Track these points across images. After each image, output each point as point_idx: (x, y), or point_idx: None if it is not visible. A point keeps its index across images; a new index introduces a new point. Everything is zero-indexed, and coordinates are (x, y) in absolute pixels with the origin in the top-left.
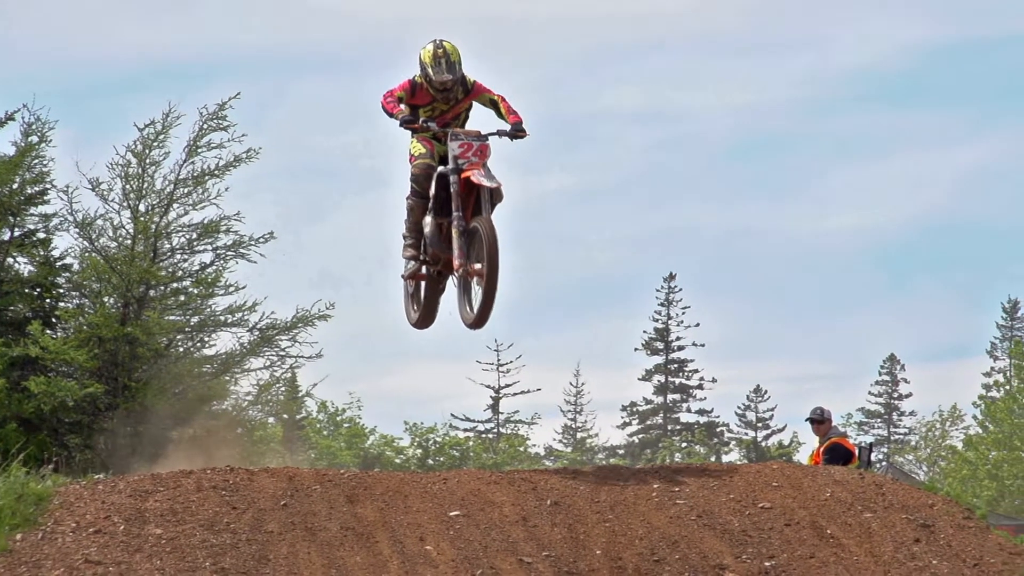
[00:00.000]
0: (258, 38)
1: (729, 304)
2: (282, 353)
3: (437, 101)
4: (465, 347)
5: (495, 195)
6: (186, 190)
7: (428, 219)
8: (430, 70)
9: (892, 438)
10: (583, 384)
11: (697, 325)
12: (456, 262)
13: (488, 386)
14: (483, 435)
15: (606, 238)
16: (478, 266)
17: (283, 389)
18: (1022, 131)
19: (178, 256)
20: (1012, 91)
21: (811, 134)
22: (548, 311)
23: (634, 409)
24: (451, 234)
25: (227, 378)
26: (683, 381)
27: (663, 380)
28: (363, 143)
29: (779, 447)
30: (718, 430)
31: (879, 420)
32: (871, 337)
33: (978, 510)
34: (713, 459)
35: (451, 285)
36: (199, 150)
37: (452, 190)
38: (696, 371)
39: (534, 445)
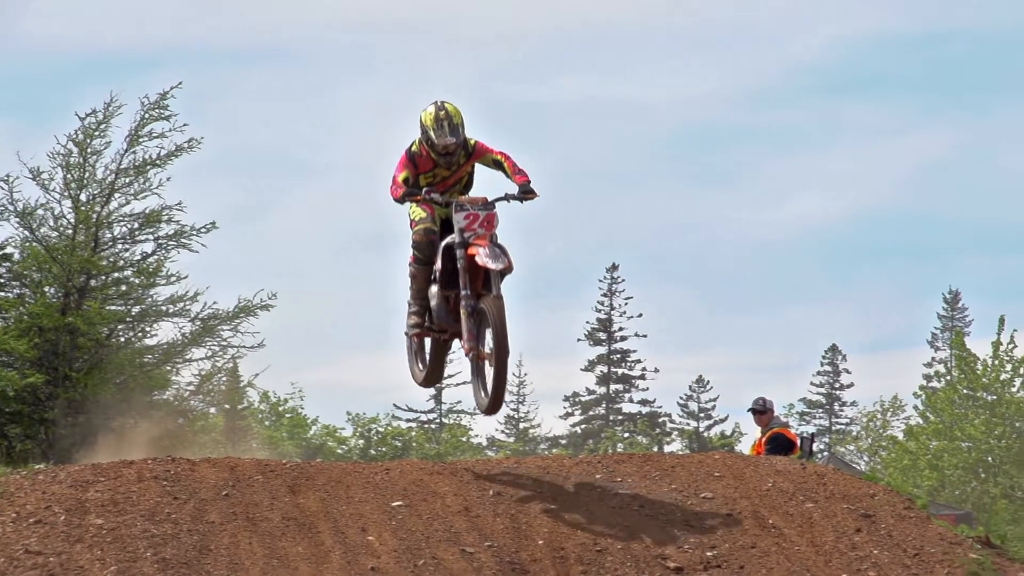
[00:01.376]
0: (201, 28)
1: (672, 295)
2: (224, 343)
3: (439, 166)
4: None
5: (506, 269)
6: (128, 180)
7: (434, 289)
8: (432, 133)
9: (834, 428)
10: (526, 374)
11: (640, 316)
12: (466, 346)
13: None
14: (425, 425)
15: (549, 228)
16: (489, 350)
17: (225, 379)
18: (964, 123)
19: (119, 246)
20: (954, 84)
21: (754, 125)
22: None
23: (577, 399)
24: (459, 308)
25: (169, 368)
26: (626, 371)
27: (606, 370)
28: (307, 133)
29: (721, 437)
30: (660, 420)
31: (821, 410)
32: (813, 327)
33: (919, 500)
34: (655, 449)
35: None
36: (141, 140)
37: (459, 265)
38: (639, 361)
39: (477, 435)
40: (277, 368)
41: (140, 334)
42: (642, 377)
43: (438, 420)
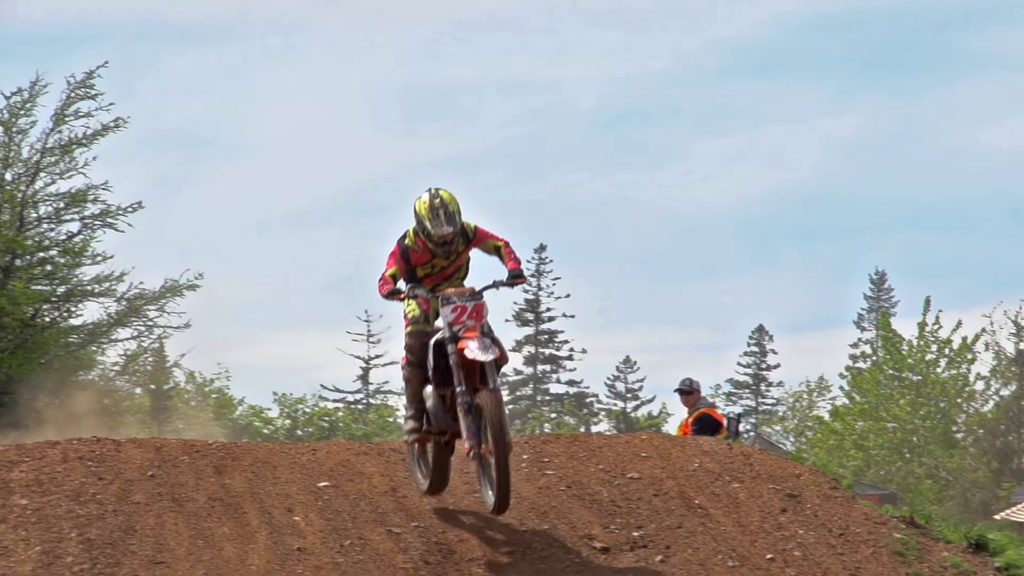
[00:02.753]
0: (127, 6)
1: (599, 275)
2: (150, 323)
3: (437, 257)
4: (335, 318)
5: (499, 360)
6: (53, 159)
7: (429, 390)
8: (428, 223)
9: (760, 408)
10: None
11: (567, 296)
12: (466, 445)
13: (358, 357)
14: (352, 406)
15: (476, 208)
16: (489, 447)
17: (151, 359)
18: (887, 103)
19: (45, 225)
20: (875, 63)
21: (679, 105)
22: None
23: (504, 380)
24: (456, 406)
25: (94, 348)
26: (553, 352)
27: (533, 351)
28: (233, 112)
29: (648, 418)
30: (588, 401)
31: (747, 391)
32: (740, 308)
33: (844, 480)
34: (583, 430)
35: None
36: (67, 119)
37: (451, 361)
38: (566, 342)
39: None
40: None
41: (65, 314)
42: (569, 358)
43: (365, 401)
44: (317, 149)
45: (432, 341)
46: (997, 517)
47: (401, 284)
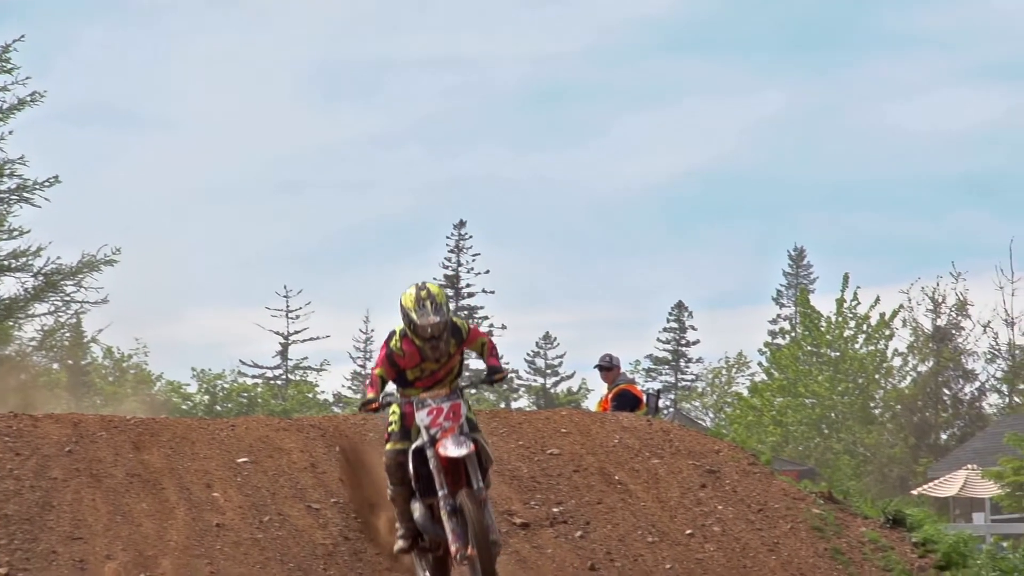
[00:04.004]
0: None
1: (519, 251)
2: (67, 298)
3: (427, 360)
4: (254, 293)
5: (483, 458)
6: None
7: (416, 504)
8: (414, 315)
9: (679, 384)
10: (373, 331)
11: (487, 272)
12: (452, 548)
13: (277, 332)
14: (272, 381)
15: (397, 184)
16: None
17: (68, 335)
18: (807, 81)
19: None
20: (798, 41)
21: (601, 82)
22: (337, 257)
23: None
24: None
25: (11, 324)
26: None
27: None
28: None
29: (568, 394)
30: (508, 377)
31: (667, 367)
32: (659, 284)
33: (763, 456)
34: (502, 406)
35: None
36: None
37: (432, 467)
38: (486, 318)
39: (323, 392)
40: (121, 323)
41: None
42: (489, 334)
43: (284, 376)
44: (236, 125)
45: (411, 449)
46: (914, 492)
47: (391, 387)
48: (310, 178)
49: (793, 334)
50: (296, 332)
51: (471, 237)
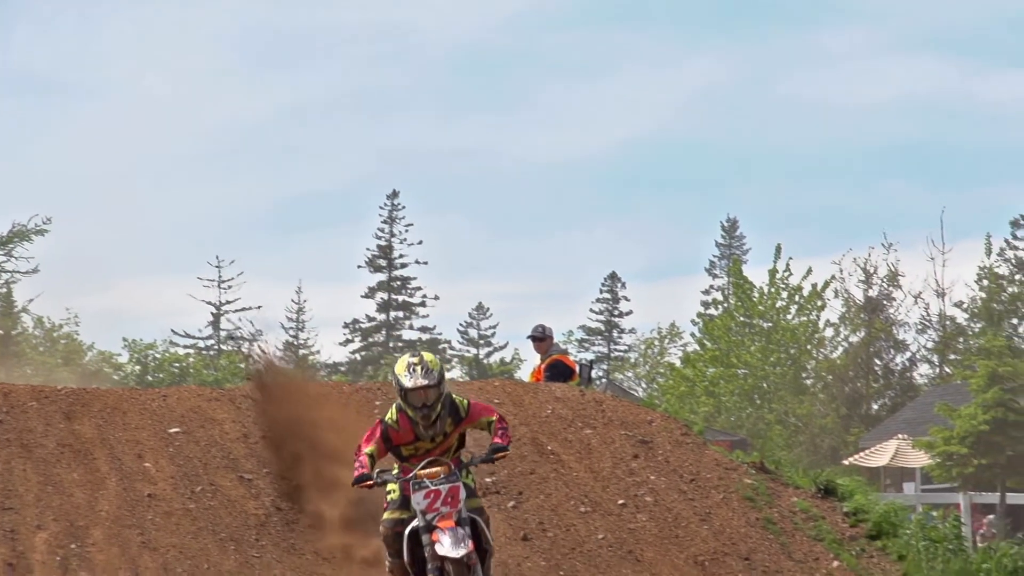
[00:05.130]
0: None
1: (452, 221)
2: None
3: (421, 439)
4: (186, 263)
5: (483, 541)
6: None
7: None
8: (403, 379)
9: (612, 355)
10: (305, 301)
11: (420, 243)
12: None
13: (209, 302)
14: (204, 352)
15: (329, 154)
16: None
17: None
18: (742, 52)
19: None
20: (730, 12)
21: (534, 51)
22: (270, 227)
23: (356, 326)
24: None
25: None
26: (406, 298)
27: (386, 297)
28: (85, 54)
29: (501, 364)
30: (440, 347)
31: (600, 337)
32: (592, 255)
33: (695, 426)
34: None
35: None
36: None
37: (426, 553)
38: (419, 288)
39: (256, 363)
40: (52, 293)
41: None
42: (422, 304)
43: (216, 347)
44: (166, 95)
45: (407, 530)
46: (845, 462)
47: (393, 471)
48: (240, 148)
49: (725, 305)
50: (228, 302)
51: (404, 208)
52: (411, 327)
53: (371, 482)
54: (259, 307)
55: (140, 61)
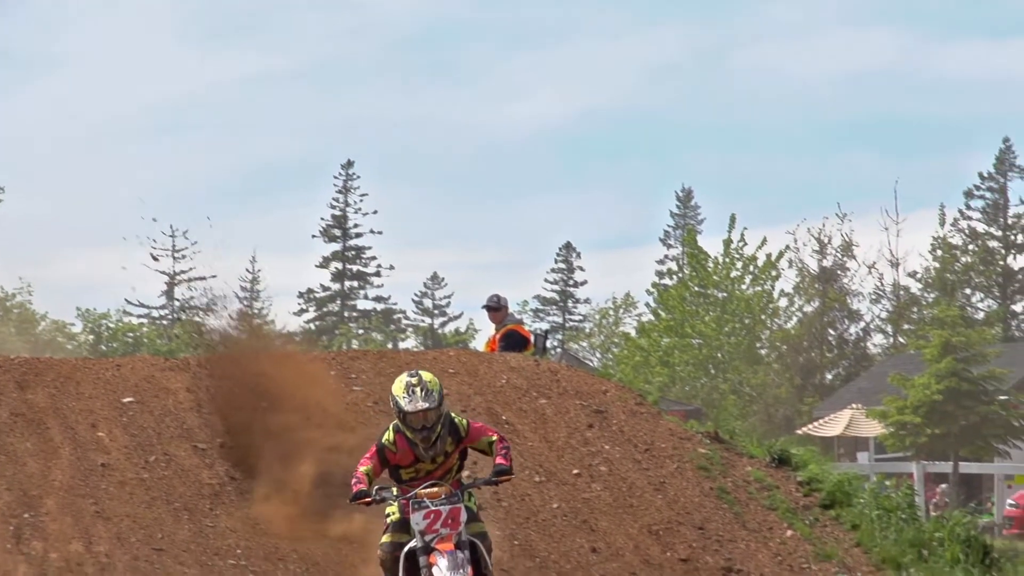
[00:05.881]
0: None
1: (408, 191)
2: None
3: (421, 460)
4: (139, 232)
5: (482, 565)
6: None
7: None
8: (402, 401)
9: (567, 325)
10: (259, 271)
11: (375, 212)
12: None
13: (163, 272)
14: (157, 321)
15: (285, 124)
16: None
17: None
18: (698, 23)
19: None
20: None
21: (490, 23)
22: (224, 197)
23: (311, 296)
24: None
25: None
26: (360, 268)
27: (340, 267)
28: (34, 23)
29: (456, 334)
30: (395, 317)
31: (554, 307)
32: (547, 225)
33: (650, 396)
34: (390, 346)
35: None
36: None
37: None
38: (374, 258)
39: (210, 332)
40: (4, 262)
41: None
42: (377, 274)
43: (170, 316)
44: (119, 63)
45: (404, 551)
46: (799, 432)
47: (392, 489)
48: (197, 117)
49: (680, 275)
50: (182, 272)
51: (359, 177)
52: (366, 297)
53: (369, 499)
54: (213, 277)
55: (95, 31)
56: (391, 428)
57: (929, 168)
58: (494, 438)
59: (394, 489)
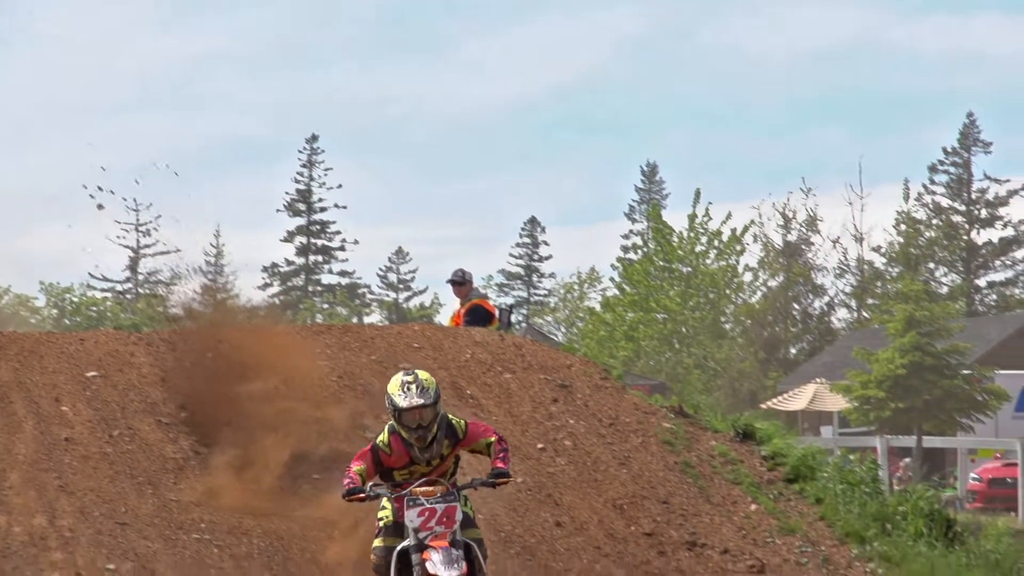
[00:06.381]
0: None
1: (373, 167)
2: None
3: (416, 462)
4: (104, 207)
5: (474, 569)
6: None
7: None
8: (397, 399)
9: (532, 299)
10: (224, 245)
11: (340, 187)
12: None
13: (126, 246)
14: (121, 296)
15: (250, 99)
16: None
17: None
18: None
19: None
20: None
21: None
22: (189, 171)
23: (276, 270)
24: None
25: None
26: (325, 242)
27: (305, 241)
28: None
29: (420, 309)
30: (360, 291)
31: (519, 282)
32: (513, 200)
33: (614, 370)
34: (355, 320)
35: None
36: None
37: (415, 575)
38: (338, 232)
39: (174, 306)
40: None
41: None
42: (341, 248)
43: (134, 290)
44: (85, 38)
45: (396, 550)
46: (764, 406)
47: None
48: (162, 92)
49: (645, 249)
50: (146, 246)
51: (324, 152)
52: (330, 271)
53: (363, 495)
54: (177, 251)
55: (59, 5)
56: (386, 429)
57: (894, 143)
58: (493, 439)
59: (387, 488)
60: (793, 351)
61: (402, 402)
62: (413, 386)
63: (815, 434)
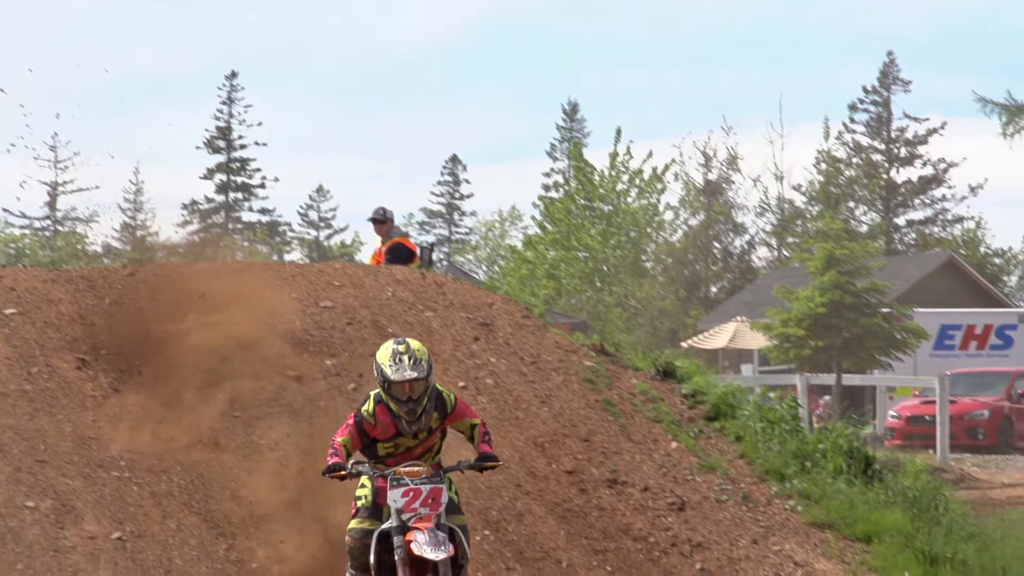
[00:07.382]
0: None
1: (292, 103)
2: None
3: (403, 434)
4: (19, 142)
5: (459, 555)
6: None
7: None
8: (388, 370)
9: (453, 238)
10: (143, 182)
11: (260, 124)
12: None
13: (44, 182)
14: (40, 232)
15: (168, 34)
16: None
17: None
18: None
19: None
20: None
21: None
22: (107, 108)
23: (195, 207)
24: None
25: None
26: (245, 180)
27: (225, 179)
28: None
29: (341, 247)
30: (280, 229)
31: (441, 220)
32: (434, 138)
33: (536, 309)
34: (275, 258)
35: None
36: None
37: (397, 558)
38: (258, 170)
39: (92, 243)
40: None
41: None
42: (262, 186)
43: (52, 227)
44: None
45: (376, 532)
46: (684, 345)
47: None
48: (77, 29)
49: (566, 188)
50: (65, 182)
51: (243, 89)
52: (250, 209)
53: (344, 472)
54: (96, 188)
55: None
56: (371, 397)
57: (814, 81)
58: (477, 421)
59: (369, 466)
60: (714, 290)
61: (393, 374)
62: (405, 357)
63: (735, 372)
